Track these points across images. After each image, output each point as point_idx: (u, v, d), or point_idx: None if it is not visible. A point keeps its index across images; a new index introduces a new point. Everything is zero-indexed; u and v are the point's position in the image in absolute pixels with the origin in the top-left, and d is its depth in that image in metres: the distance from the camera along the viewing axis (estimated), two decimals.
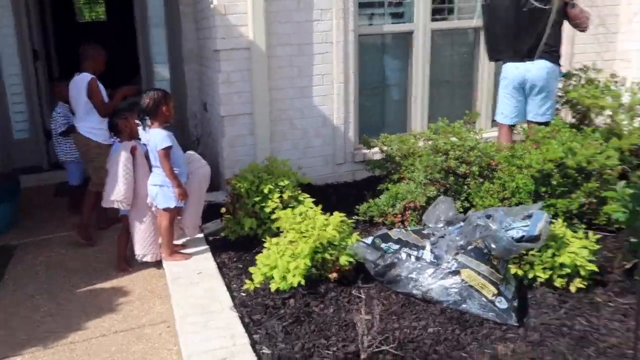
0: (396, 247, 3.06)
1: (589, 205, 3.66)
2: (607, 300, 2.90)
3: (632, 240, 3.00)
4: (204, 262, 3.50)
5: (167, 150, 3.36)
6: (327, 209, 3.48)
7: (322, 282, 3.09)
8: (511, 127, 4.47)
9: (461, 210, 3.82)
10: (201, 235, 3.88)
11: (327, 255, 3.05)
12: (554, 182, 3.67)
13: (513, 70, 4.31)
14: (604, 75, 4.65)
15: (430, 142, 4.11)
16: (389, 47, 5.20)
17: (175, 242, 3.71)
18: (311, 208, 3.45)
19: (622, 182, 3.20)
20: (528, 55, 4.24)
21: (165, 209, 3.48)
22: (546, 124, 4.15)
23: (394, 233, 3.17)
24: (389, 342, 2.56)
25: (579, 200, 3.61)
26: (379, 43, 5.13)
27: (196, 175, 3.63)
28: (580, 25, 4.25)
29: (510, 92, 4.36)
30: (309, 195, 3.79)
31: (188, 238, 3.81)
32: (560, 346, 2.52)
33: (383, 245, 3.09)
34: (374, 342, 2.50)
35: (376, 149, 4.54)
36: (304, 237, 3.06)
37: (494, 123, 5.33)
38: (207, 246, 3.74)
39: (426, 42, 5.00)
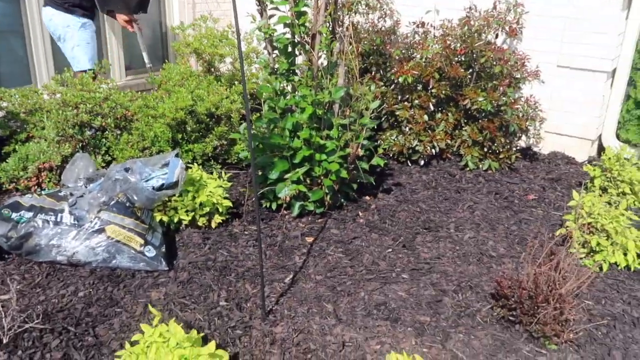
0: (30, 214, 2.78)
1: (221, 147, 4.02)
2: (242, 230, 3.29)
3: (257, 174, 3.44)
4: None
5: None
6: None
7: None
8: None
9: (103, 165, 3.71)
10: None
11: None
12: (189, 129, 3.88)
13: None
14: (222, 25, 5.03)
15: (58, 96, 3.79)
16: None
17: None
18: None
19: (245, 124, 3.61)
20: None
21: None
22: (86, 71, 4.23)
23: (26, 200, 2.87)
24: (34, 318, 2.37)
25: (212, 144, 3.92)
26: None
27: None
28: None
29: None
30: None
31: None
32: (207, 279, 2.77)
33: (14, 216, 2.77)
34: (15, 323, 2.28)
35: None
36: None
37: (128, 72, 5.25)
38: None
39: None
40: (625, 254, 3.05)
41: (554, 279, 2.49)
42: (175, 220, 3.18)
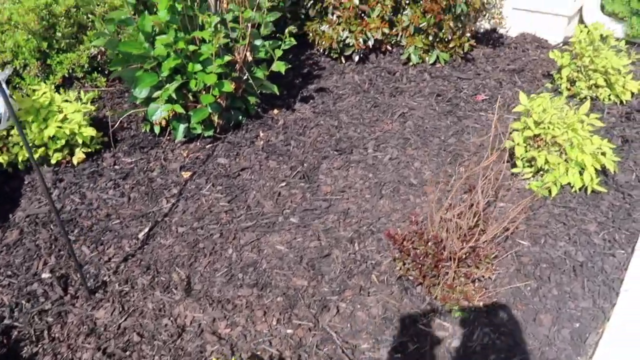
0: None
1: (102, 55, 3.27)
2: (112, 164, 2.66)
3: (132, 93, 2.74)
4: None
5: None
6: None
7: None
8: None
9: None
10: None
11: None
12: (59, 34, 3.13)
13: None
14: None
15: None
16: None
17: None
18: None
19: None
20: None
21: None
22: None
23: None
24: None
25: (88, 52, 3.18)
26: None
27: None
28: None
29: None
30: None
31: None
32: (40, 240, 2.19)
33: None
34: None
35: None
36: None
37: None
38: None
39: None
40: (581, 173, 2.40)
41: (464, 227, 1.88)
42: (21, 158, 2.55)
